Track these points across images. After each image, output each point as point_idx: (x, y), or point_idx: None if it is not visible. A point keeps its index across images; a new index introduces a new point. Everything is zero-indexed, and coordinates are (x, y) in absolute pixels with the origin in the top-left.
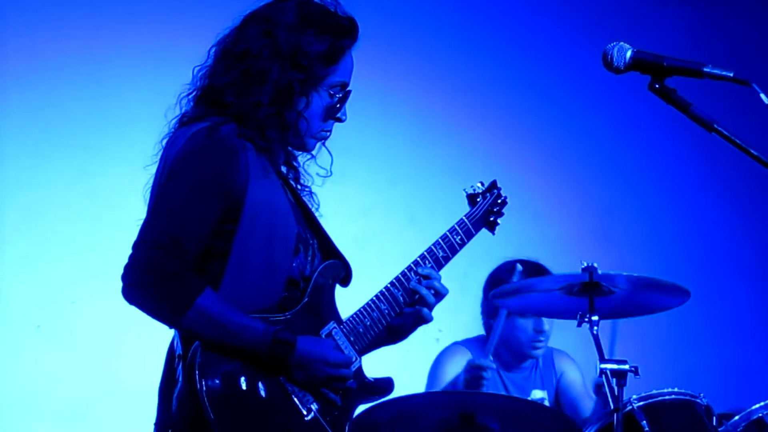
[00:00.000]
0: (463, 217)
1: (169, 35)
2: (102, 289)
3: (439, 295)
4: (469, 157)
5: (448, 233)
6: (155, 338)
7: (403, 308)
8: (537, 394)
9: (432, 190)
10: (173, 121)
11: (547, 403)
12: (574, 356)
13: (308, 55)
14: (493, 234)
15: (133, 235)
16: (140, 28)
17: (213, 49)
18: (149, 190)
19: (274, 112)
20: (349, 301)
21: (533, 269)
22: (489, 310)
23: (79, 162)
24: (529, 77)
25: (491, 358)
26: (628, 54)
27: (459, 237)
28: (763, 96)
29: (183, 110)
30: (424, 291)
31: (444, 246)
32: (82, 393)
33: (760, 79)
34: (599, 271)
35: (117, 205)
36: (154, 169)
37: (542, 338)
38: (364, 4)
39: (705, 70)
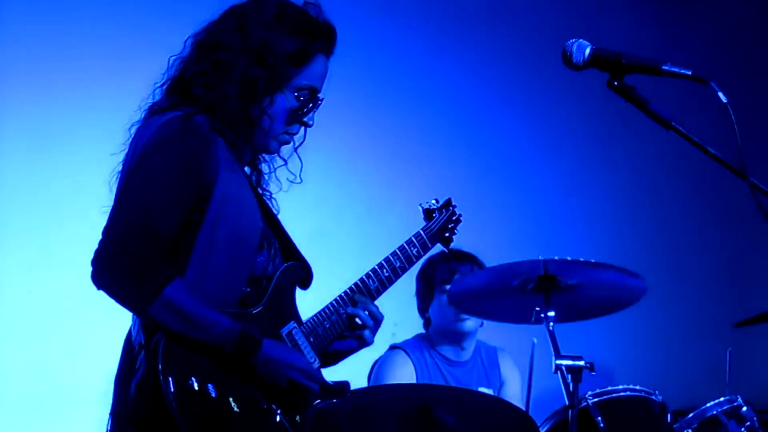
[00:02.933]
0: (420, 231)
1: (138, 27)
2: (59, 278)
3: (377, 320)
4: (425, 151)
5: (405, 245)
6: (113, 329)
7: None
8: (483, 391)
9: (390, 182)
10: (143, 110)
11: None
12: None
13: (275, 53)
14: (447, 250)
15: (91, 224)
16: (112, 20)
17: (189, 41)
18: (116, 177)
19: (239, 106)
20: (302, 294)
21: (472, 261)
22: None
23: (36, 151)
24: (483, 77)
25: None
26: (587, 51)
27: (416, 249)
28: (720, 95)
29: (154, 100)
30: (363, 314)
31: (401, 257)
32: (39, 384)
33: (715, 78)
34: (556, 257)
35: (74, 195)
36: (121, 156)
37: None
38: (332, 6)
39: (663, 67)
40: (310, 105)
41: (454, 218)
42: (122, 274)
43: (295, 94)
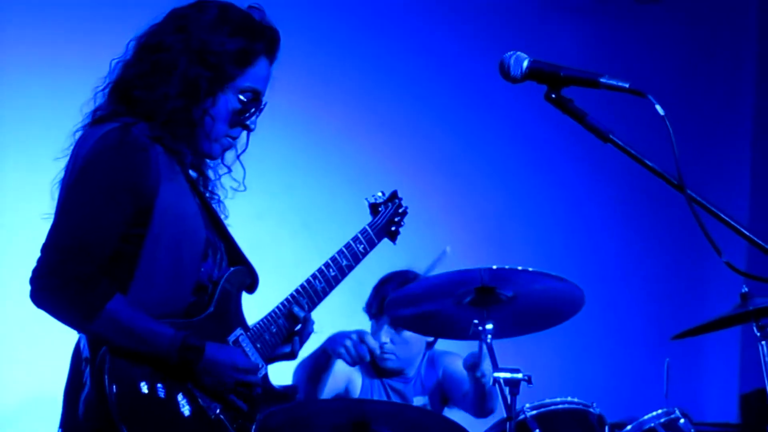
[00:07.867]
0: (366, 227)
1: (83, 32)
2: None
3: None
4: (362, 163)
5: (351, 242)
6: (57, 340)
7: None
8: (418, 400)
9: (325, 196)
10: (85, 115)
11: (428, 407)
12: None
13: (217, 53)
14: (394, 243)
15: (37, 234)
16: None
17: (131, 44)
18: (58, 185)
19: (181, 107)
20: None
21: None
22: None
23: None
24: (425, 86)
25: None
26: (525, 63)
27: (362, 246)
28: (658, 107)
29: (96, 105)
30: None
31: (347, 255)
32: None
33: (653, 91)
34: (494, 266)
35: (24, 203)
36: (63, 162)
37: (386, 350)
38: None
39: (601, 80)
40: (253, 108)
41: (400, 211)
42: (60, 294)
43: (239, 95)
